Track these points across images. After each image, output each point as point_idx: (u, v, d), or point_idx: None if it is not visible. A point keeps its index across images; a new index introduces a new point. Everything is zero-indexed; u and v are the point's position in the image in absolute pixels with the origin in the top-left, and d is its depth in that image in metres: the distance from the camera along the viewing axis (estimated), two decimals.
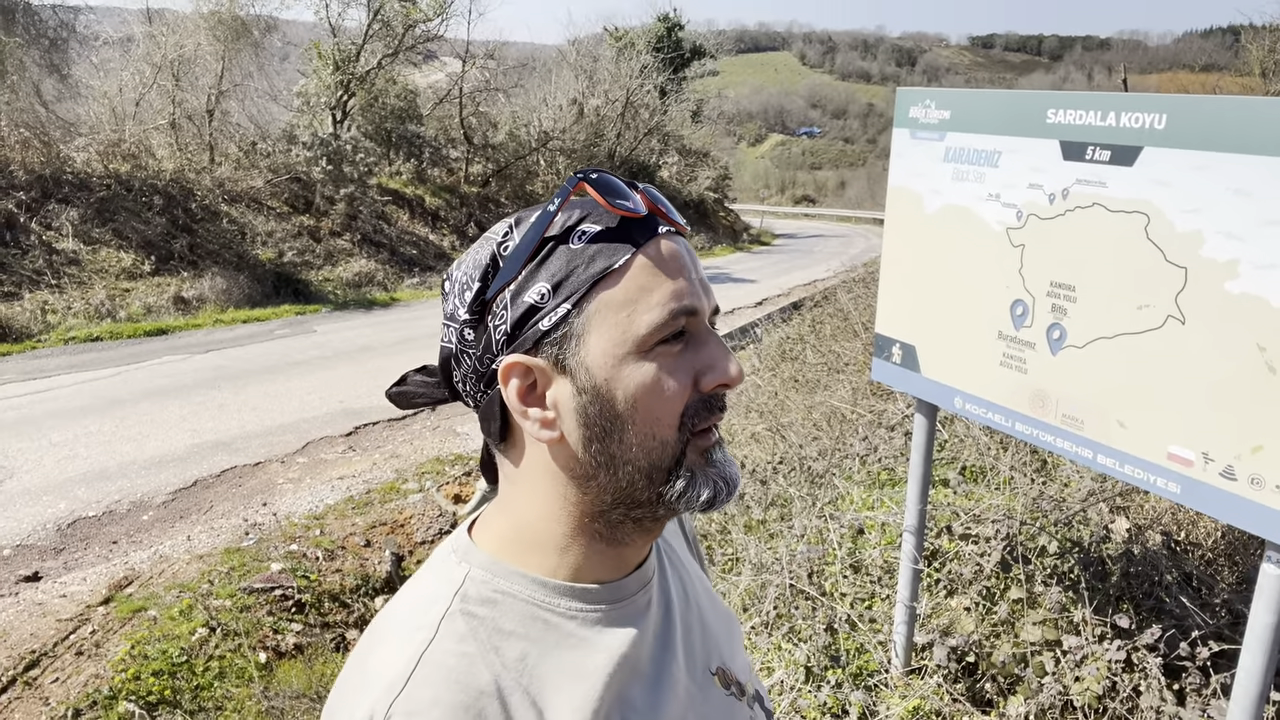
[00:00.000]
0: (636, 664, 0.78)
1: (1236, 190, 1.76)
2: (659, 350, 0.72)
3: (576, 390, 0.73)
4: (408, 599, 0.79)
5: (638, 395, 0.72)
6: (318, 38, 19.25)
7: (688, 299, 0.73)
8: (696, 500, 0.75)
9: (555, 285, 0.72)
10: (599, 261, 0.72)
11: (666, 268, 0.73)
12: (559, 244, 0.73)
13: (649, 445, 0.73)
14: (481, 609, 0.75)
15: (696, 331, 0.75)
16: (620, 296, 0.72)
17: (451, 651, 0.71)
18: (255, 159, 16.74)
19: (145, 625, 4.34)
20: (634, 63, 26.55)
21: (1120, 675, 2.43)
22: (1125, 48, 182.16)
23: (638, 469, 0.74)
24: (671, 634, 0.84)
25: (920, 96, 2.45)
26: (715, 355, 0.74)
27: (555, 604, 0.76)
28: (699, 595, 0.93)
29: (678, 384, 0.73)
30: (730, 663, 0.90)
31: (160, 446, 6.94)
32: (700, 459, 0.75)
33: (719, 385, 0.74)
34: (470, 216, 20.37)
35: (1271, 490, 1.76)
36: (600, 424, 0.73)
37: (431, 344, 8.62)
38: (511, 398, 0.74)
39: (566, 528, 0.77)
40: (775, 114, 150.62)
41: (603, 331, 0.72)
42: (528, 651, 0.74)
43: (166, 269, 12.97)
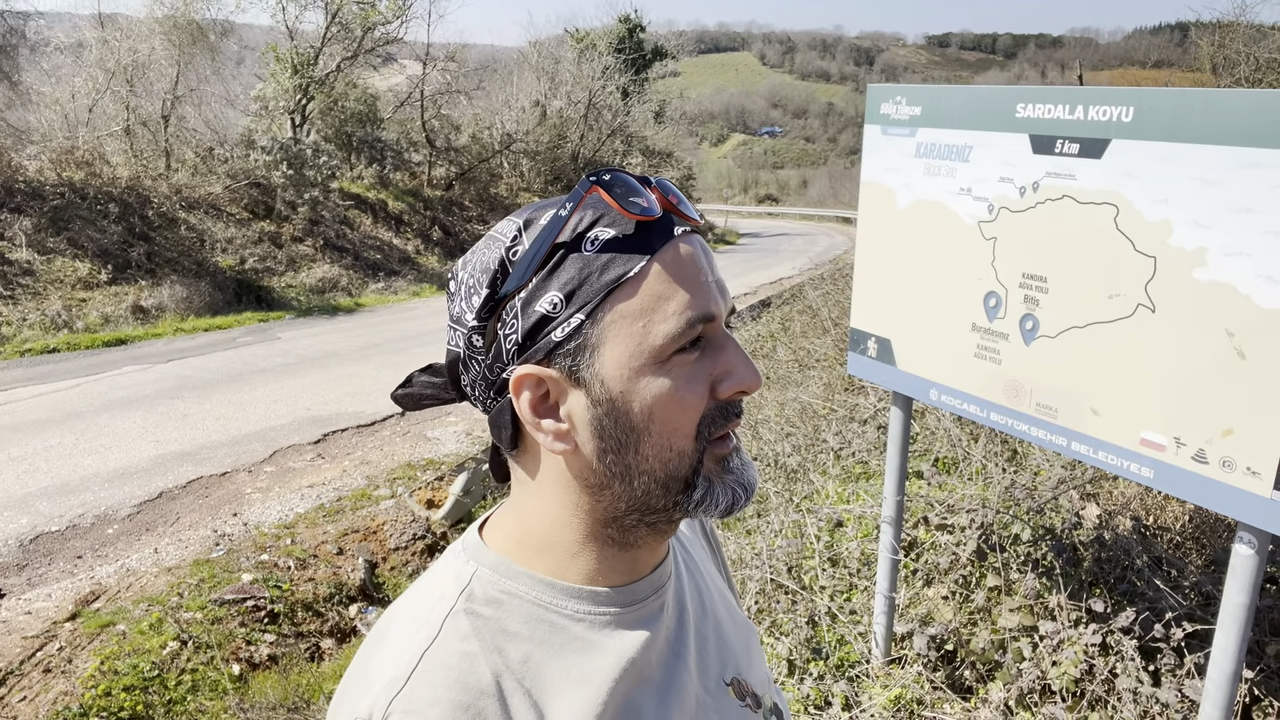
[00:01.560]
0: (645, 670, 0.77)
1: (1203, 180, 1.80)
2: (676, 360, 0.70)
3: (591, 402, 0.71)
4: (414, 597, 0.78)
5: (655, 407, 0.71)
6: (275, 41, 19.01)
7: (704, 305, 0.71)
8: (715, 508, 0.73)
9: (568, 295, 0.70)
10: (613, 269, 0.70)
11: (682, 274, 0.71)
12: (571, 250, 0.71)
13: (665, 456, 0.72)
14: (487, 609, 0.74)
15: (713, 337, 0.73)
16: (636, 306, 0.70)
17: (453, 650, 0.71)
18: (213, 165, 16.49)
19: (114, 640, 4.26)
20: (596, 64, 26.56)
21: (1096, 658, 2.47)
22: (1077, 45, 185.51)
23: (654, 479, 0.73)
24: (685, 642, 0.82)
25: (891, 93, 2.48)
26: (733, 361, 0.73)
27: (563, 606, 0.76)
28: (716, 605, 0.91)
29: (694, 393, 0.71)
30: (747, 674, 0.88)
31: (123, 458, 6.80)
32: (717, 466, 0.74)
33: (737, 392, 0.73)
34: (434, 220, 20.23)
35: (1242, 473, 1.80)
36: (616, 436, 0.72)
37: (397, 349, 8.60)
38: (524, 409, 0.73)
39: (579, 534, 0.76)
40: (737, 114, 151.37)
41: (618, 343, 0.70)
42: (532, 653, 0.73)
43: (124, 278, 12.72)
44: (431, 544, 5.90)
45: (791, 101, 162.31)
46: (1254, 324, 1.75)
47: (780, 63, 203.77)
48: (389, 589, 5.46)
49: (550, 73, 26.45)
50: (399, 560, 5.72)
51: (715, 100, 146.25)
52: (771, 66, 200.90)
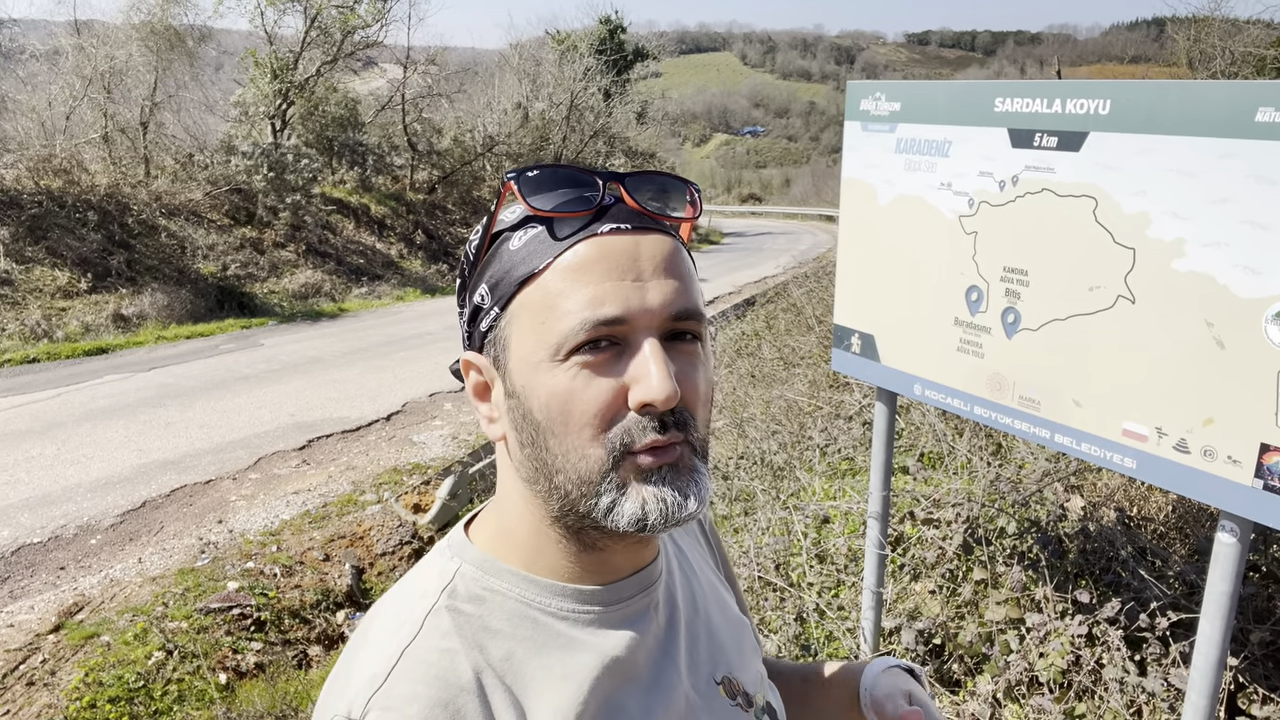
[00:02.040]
0: (631, 669, 0.76)
1: (1181, 171, 1.82)
2: (575, 359, 0.68)
3: (507, 393, 0.73)
4: (398, 594, 0.78)
5: (550, 405, 0.69)
6: (253, 46, 18.89)
7: (609, 305, 0.67)
8: (620, 518, 0.69)
9: (492, 287, 0.72)
10: (526, 264, 0.70)
11: (593, 270, 0.68)
12: (504, 243, 0.73)
13: (572, 456, 0.70)
14: (469, 605, 0.74)
15: (630, 341, 0.69)
16: (538, 301, 0.69)
17: (434, 647, 0.70)
18: (193, 171, 16.37)
19: (99, 651, 4.21)
20: (577, 65, 26.53)
21: (1083, 649, 2.49)
22: (1055, 41, 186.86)
23: (567, 478, 0.71)
24: (675, 641, 0.82)
25: (871, 89, 2.49)
26: (641, 370, 0.68)
27: (545, 603, 0.75)
28: (708, 603, 0.90)
29: (594, 395, 0.68)
30: (739, 673, 0.88)
31: (105, 468, 6.74)
32: (635, 475, 0.70)
33: (641, 405, 0.68)
34: (417, 224, 20.16)
35: (1224, 461, 1.82)
36: (527, 430, 0.72)
37: (382, 354, 8.58)
38: (469, 392, 0.77)
39: (533, 527, 0.76)
40: (719, 114, 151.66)
41: (522, 337, 0.70)
42: (514, 650, 0.72)
43: (104, 286, 12.61)
44: (419, 549, 5.87)
45: (773, 101, 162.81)
46: (1232, 313, 1.77)
47: (761, 62, 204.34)
48: (376, 594, 5.43)
49: (532, 74, 26.41)
50: (386, 566, 5.69)
51: (697, 100, 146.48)
52: (753, 66, 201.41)
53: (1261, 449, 1.75)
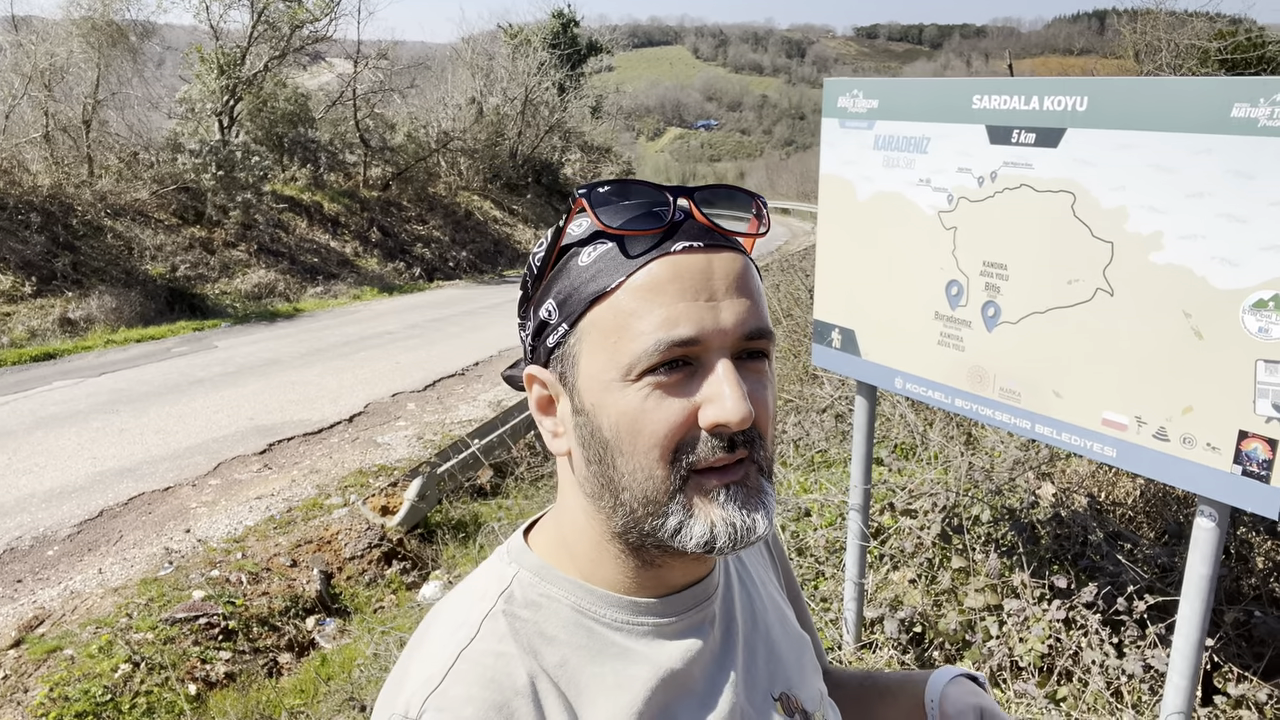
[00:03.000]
0: (686, 681, 0.76)
1: (1158, 166, 1.86)
2: (648, 379, 0.68)
3: (574, 410, 0.72)
4: (457, 597, 0.78)
5: (620, 424, 0.69)
6: (198, 41, 18.44)
7: (684, 326, 0.67)
8: (689, 540, 0.69)
9: (560, 302, 0.71)
10: (596, 282, 0.69)
11: (667, 290, 0.68)
12: (573, 257, 0.72)
13: (639, 476, 0.69)
14: (525, 611, 0.74)
15: (703, 362, 0.69)
16: (609, 320, 0.69)
17: (490, 651, 0.71)
18: (138, 170, 15.95)
19: (63, 665, 4.11)
20: (531, 60, 26.36)
21: (1062, 633, 2.54)
22: (1000, 34, 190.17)
23: (633, 496, 0.70)
24: (731, 655, 0.81)
25: (848, 86, 2.51)
26: (715, 391, 0.68)
27: (601, 613, 0.75)
28: (769, 617, 0.90)
29: (665, 416, 0.68)
30: (797, 690, 0.87)
31: (59, 477, 6.56)
32: (703, 498, 0.69)
33: (714, 425, 0.68)
34: (372, 221, 19.88)
35: (1202, 448, 1.87)
36: (594, 447, 0.71)
37: (341, 354, 8.45)
38: (533, 406, 0.76)
39: (593, 540, 0.76)
40: (672, 108, 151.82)
41: (592, 356, 0.70)
42: (569, 657, 0.73)
43: (49, 290, 12.25)
44: (388, 551, 5.81)
45: (726, 94, 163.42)
46: (1210, 304, 1.81)
47: (713, 56, 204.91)
48: (346, 599, 5.36)
49: (485, 69, 26.16)
50: (355, 570, 5.62)
51: (651, 94, 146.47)
52: (705, 60, 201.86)
53: (1240, 435, 1.80)
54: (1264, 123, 1.68)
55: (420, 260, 19.56)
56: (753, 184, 58.30)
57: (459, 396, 9.07)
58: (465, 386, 9.42)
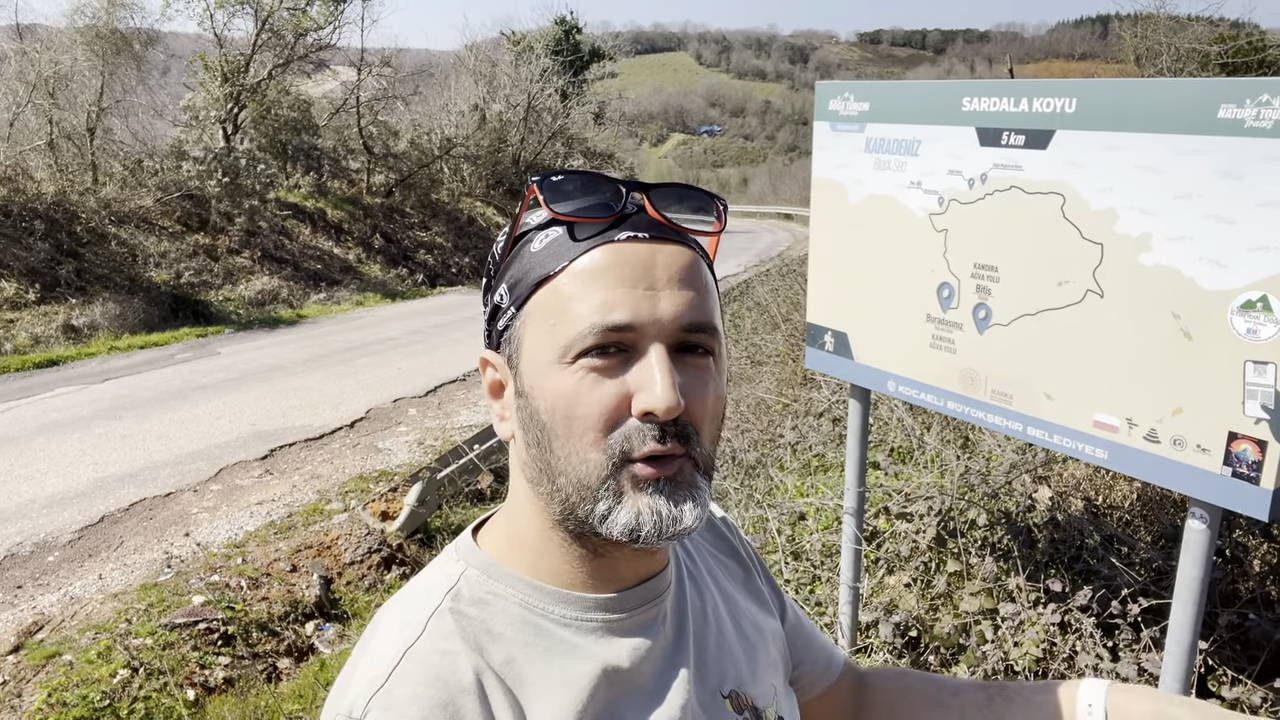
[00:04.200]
0: (633, 679, 0.76)
1: (1146, 167, 1.86)
2: (582, 362, 0.69)
3: (516, 392, 0.74)
4: (404, 596, 0.79)
5: (555, 406, 0.70)
6: (202, 49, 18.53)
7: (619, 312, 0.68)
8: (614, 526, 0.70)
9: (510, 287, 0.74)
10: (544, 265, 0.71)
11: (606, 275, 0.69)
12: (526, 244, 0.74)
13: (573, 460, 0.70)
14: (472, 609, 0.74)
15: (638, 348, 0.69)
16: (550, 303, 0.70)
17: (435, 649, 0.71)
18: (142, 177, 16.02)
19: (61, 671, 4.11)
20: (533, 66, 26.42)
21: (1057, 637, 2.53)
22: (1003, 39, 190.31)
23: (569, 480, 0.71)
24: (682, 653, 0.81)
25: (839, 89, 2.51)
26: (645, 378, 0.68)
27: (549, 610, 0.75)
28: (721, 614, 0.90)
29: (598, 399, 0.69)
30: (748, 687, 0.87)
31: (61, 483, 6.58)
32: (633, 485, 0.70)
33: (643, 413, 0.68)
34: (375, 228, 19.94)
35: (1193, 450, 1.86)
36: (533, 430, 0.72)
37: (343, 360, 8.47)
38: (485, 389, 0.78)
39: (538, 530, 0.76)
40: (675, 114, 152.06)
41: (533, 338, 0.71)
42: (515, 654, 0.73)
43: (53, 297, 12.30)
44: (388, 556, 5.81)
45: (729, 100, 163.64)
46: (1198, 306, 1.81)
47: (716, 62, 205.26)
48: (345, 604, 5.36)
49: (488, 76, 26.24)
50: (355, 575, 5.63)
51: (654, 100, 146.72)
52: (708, 66, 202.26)
53: (1230, 437, 1.80)
54: (1250, 124, 1.68)
55: (423, 266, 19.60)
56: (756, 189, 58.31)
57: (460, 402, 9.08)
58: (467, 392, 9.43)
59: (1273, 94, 1.64)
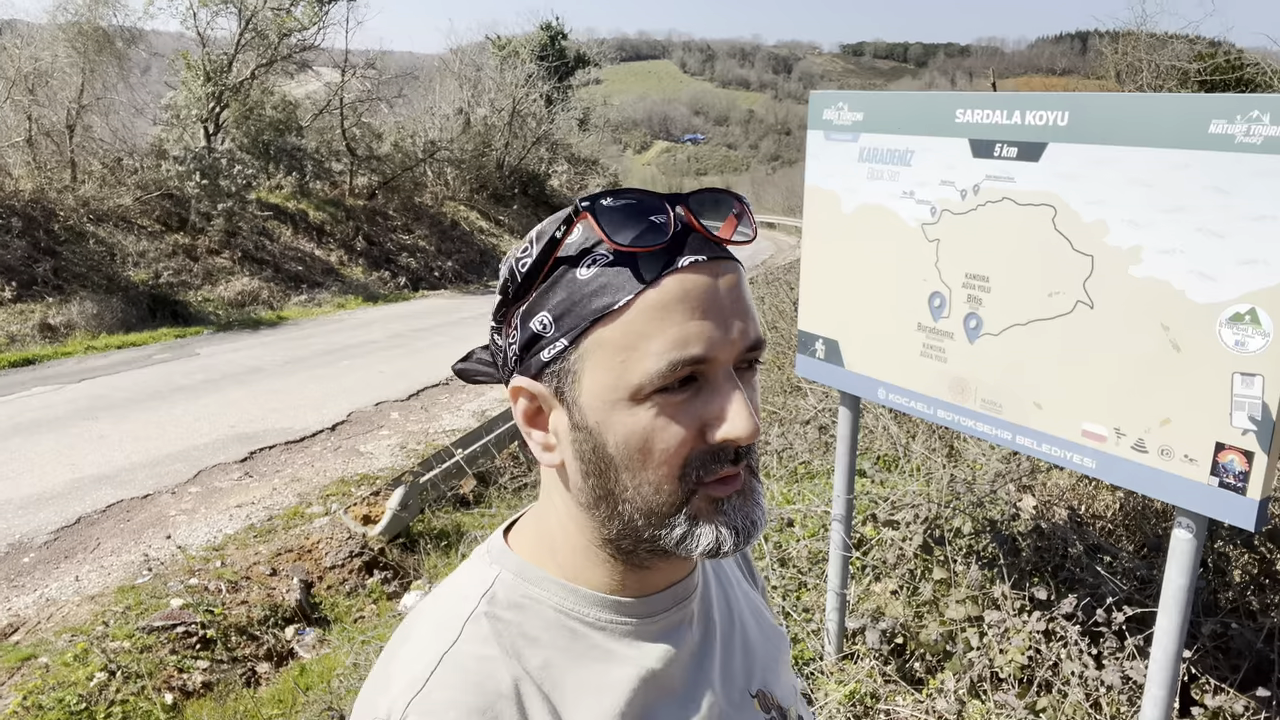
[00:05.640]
0: (666, 682, 0.76)
1: (1137, 181, 1.89)
2: (656, 399, 0.68)
3: (572, 425, 0.71)
4: (438, 598, 0.78)
5: (629, 443, 0.69)
6: (185, 48, 18.39)
7: (693, 347, 0.67)
8: (695, 548, 0.71)
9: (557, 317, 0.70)
10: (600, 298, 0.68)
11: (677, 309, 0.67)
12: (569, 269, 0.70)
13: (644, 490, 0.70)
14: (508, 613, 0.74)
15: (710, 378, 0.69)
16: (618, 339, 0.67)
17: (473, 654, 0.70)
18: (122, 176, 15.85)
19: (37, 674, 4.05)
20: (519, 71, 26.42)
21: (1042, 645, 2.55)
22: (984, 53, 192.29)
23: (635, 508, 0.71)
24: (710, 654, 0.82)
25: (834, 99, 2.53)
26: (725, 409, 0.68)
27: (584, 613, 0.75)
28: (744, 615, 0.91)
29: (675, 435, 0.68)
30: (773, 686, 0.88)
31: (36, 484, 6.49)
32: (709, 506, 0.71)
33: (725, 442, 0.69)
34: (358, 230, 19.82)
35: (1180, 460, 1.89)
36: (594, 462, 0.71)
37: (325, 362, 8.40)
38: (519, 417, 0.74)
39: (582, 543, 0.76)
40: (659, 121, 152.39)
41: (596, 374, 0.69)
42: (552, 659, 0.73)
43: (29, 295, 12.14)
44: (370, 561, 5.77)
45: (713, 109, 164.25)
46: (1187, 318, 1.84)
47: (701, 70, 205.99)
48: (326, 609, 5.32)
49: (473, 80, 26.21)
50: (336, 579, 5.58)
51: (638, 108, 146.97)
52: (692, 74, 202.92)
53: (1216, 447, 1.82)
54: (1240, 139, 1.71)
55: (405, 270, 19.51)
56: None
57: (443, 406, 9.04)
58: (449, 396, 9.39)
59: (1263, 110, 1.67)
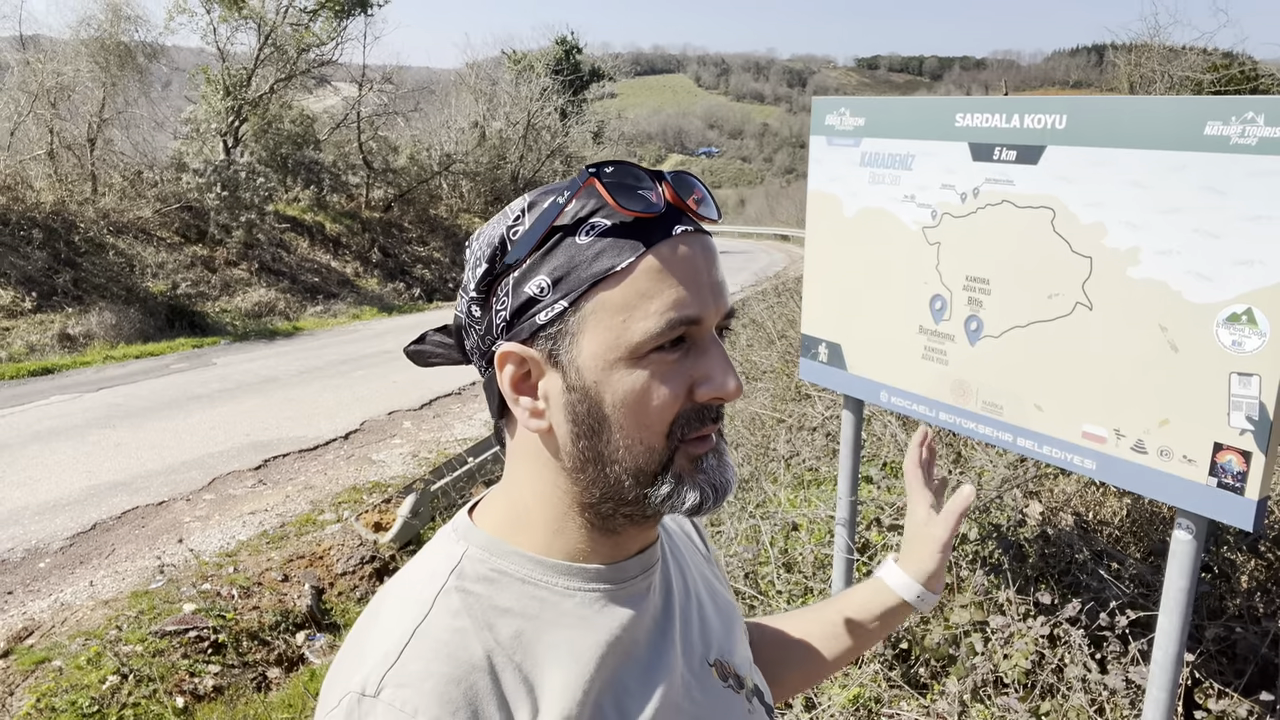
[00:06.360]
0: (631, 648, 0.79)
1: (1134, 183, 1.90)
2: (653, 358, 0.71)
3: (566, 387, 0.73)
4: (406, 577, 0.79)
5: (626, 401, 0.72)
6: (204, 63, 18.66)
7: (689, 308, 0.71)
8: (681, 505, 0.74)
9: (555, 280, 0.71)
10: (602, 261, 0.71)
11: (673, 272, 0.71)
12: (567, 236, 0.72)
13: (635, 449, 0.73)
14: (477, 586, 0.76)
15: (698, 339, 0.74)
16: (618, 300, 0.70)
17: (445, 626, 0.72)
18: (142, 188, 16.08)
19: (51, 677, 4.10)
20: (533, 85, 26.62)
21: (1046, 649, 2.55)
22: (1000, 67, 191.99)
23: (624, 469, 0.74)
24: (670, 622, 0.84)
25: (836, 104, 2.55)
26: (713, 367, 0.73)
27: (553, 582, 0.77)
28: (699, 587, 0.93)
29: (669, 393, 0.72)
30: (729, 656, 0.91)
31: (54, 490, 6.57)
32: (690, 465, 0.75)
33: (713, 398, 0.73)
34: (373, 242, 20.00)
35: (1179, 461, 1.89)
36: (587, 423, 0.73)
37: (339, 372, 8.46)
38: (505, 384, 0.75)
39: (558, 511, 0.78)
40: (674, 135, 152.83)
41: (596, 334, 0.71)
42: (523, 629, 0.74)
43: (49, 305, 12.31)
44: (381, 567, 5.80)
45: (727, 122, 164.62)
46: (1185, 318, 1.84)
47: (715, 84, 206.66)
48: (337, 615, 5.35)
49: (488, 94, 26.44)
50: (347, 585, 5.62)
51: (652, 121, 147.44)
52: (707, 88, 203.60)
53: (1215, 448, 1.82)
54: (1235, 140, 1.72)
55: (420, 281, 19.65)
56: (753, 211, 58.49)
57: (455, 415, 9.08)
58: (462, 405, 9.44)
59: (1257, 112, 1.68)
